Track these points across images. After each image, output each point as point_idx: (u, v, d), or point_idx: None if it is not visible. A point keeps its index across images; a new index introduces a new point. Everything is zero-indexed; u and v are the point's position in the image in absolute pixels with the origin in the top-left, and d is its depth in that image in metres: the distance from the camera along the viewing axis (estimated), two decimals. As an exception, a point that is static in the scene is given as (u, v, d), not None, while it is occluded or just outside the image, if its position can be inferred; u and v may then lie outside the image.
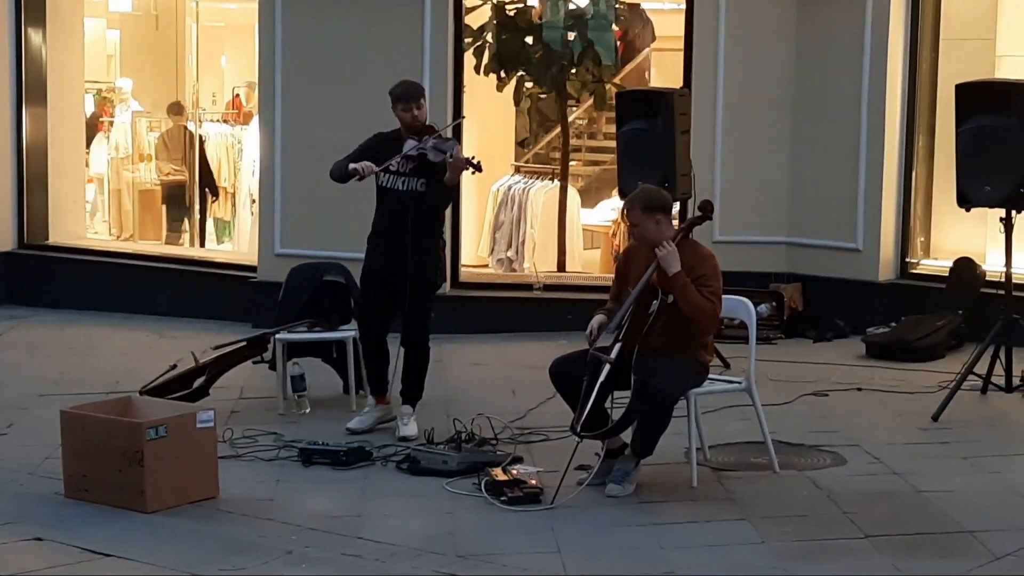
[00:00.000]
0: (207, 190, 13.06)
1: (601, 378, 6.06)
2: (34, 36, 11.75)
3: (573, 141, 12.50)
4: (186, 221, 13.23)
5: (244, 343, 7.99)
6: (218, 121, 13.92)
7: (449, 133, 7.55)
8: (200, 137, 13.08)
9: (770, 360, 8.78)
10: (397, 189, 7.17)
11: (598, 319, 6.29)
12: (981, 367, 7.82)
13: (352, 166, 7.11)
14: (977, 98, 7.88)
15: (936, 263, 9.95)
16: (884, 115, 9.82)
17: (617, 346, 6.16)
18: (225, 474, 6.27)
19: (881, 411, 7.76)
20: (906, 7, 9.85)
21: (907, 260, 10.02)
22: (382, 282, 7.24)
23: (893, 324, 9.36)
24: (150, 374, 7.86)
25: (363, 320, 7.50)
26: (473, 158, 7.20)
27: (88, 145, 13.38)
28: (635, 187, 7.36)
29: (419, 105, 7.17)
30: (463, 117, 9.46)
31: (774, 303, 9.84)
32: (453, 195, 7.29)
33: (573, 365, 6.21)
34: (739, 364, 7.73)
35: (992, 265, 9.26)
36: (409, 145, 7.12)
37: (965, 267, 9.47)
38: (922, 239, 10.12)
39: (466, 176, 10.89)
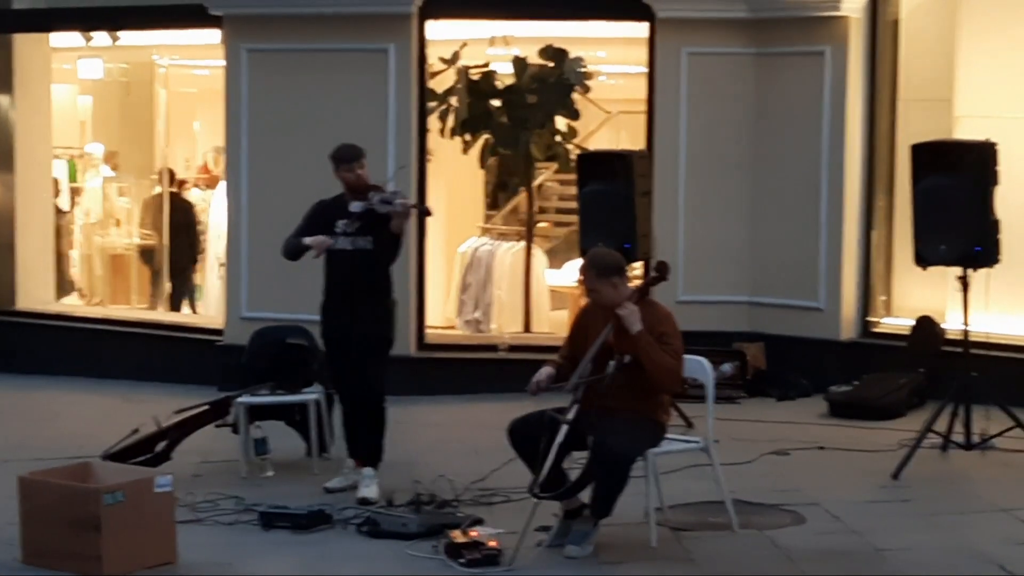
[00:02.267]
0: (193, 255, 13.10)
1: (559, 439, 6.08)
2: (2, 102, 11.81)
3: (540, 202, 12.60)
4: (159, 285, 13.24)
5: (207, 407, 8.00)
6: (190, 186, 13.96)
7: (393, 184, 7.64)
8: (187, 203, 13.18)
9: (733, 419, 8.82)
10: (345, 249, 7.23)
11: (546, 371, 6.33)
12: (941, 425, 7.88)
13: (306, 241, 7.21)
14: (932, 158, 7.98)
15: (897, 321, 10.03)
16: (844, 175, 9.94)
17: (575, 406, 6.18)
18: (184, 539, 6.25)
19: (842, 469, 7.80)
20: (864, 68, 10.00)
21: (868, 319, 10.11)
22: (343, 344, 7.28)
23: (855, 383, 9.42)
24: (114, 439, 7.83)
25: (337, 385, 7.53)
26: (421, 203, 7.28)
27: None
28: (596, 247, 7.44)
29: (360, 165, 7.27)
30: (404, 166, 9.55)
31: (737, 362, 9.90)
32: (399, 245, 7.32)
33: (531, 426, 6.23)
34: (702, 424, 7.76)
35: (953, 323, 9.33)
36: (355, 205, 7.20)
37: (926, 325, 9.55)
38: (883, 298, 10.22)
39: (433, 238, 11.07)
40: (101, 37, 12.28)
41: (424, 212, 7.34)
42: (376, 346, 7.29)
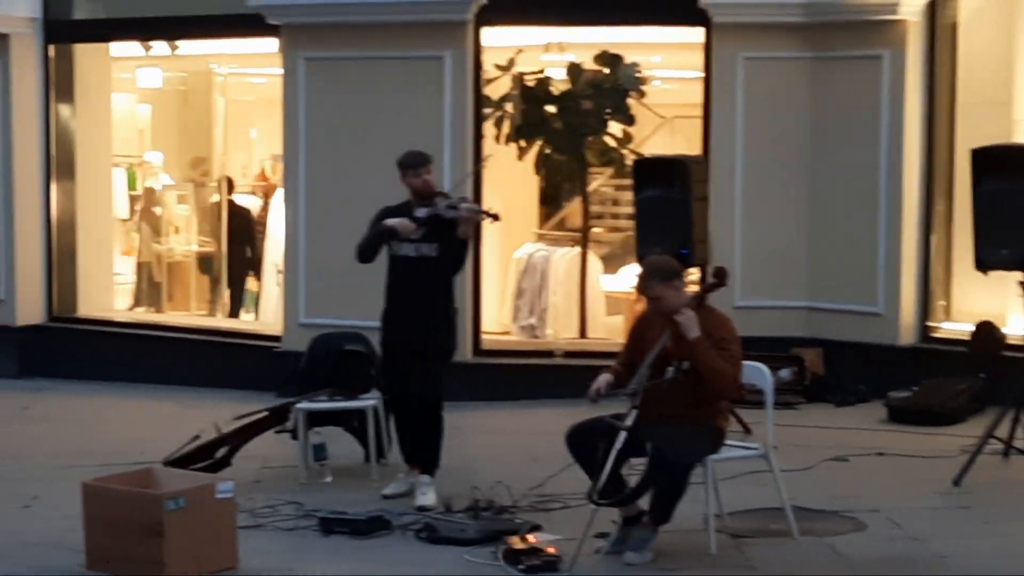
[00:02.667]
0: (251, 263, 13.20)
1: (617, 445, 6.08)
2: (63, 111, 11.96)
3: (596, 208, 12.60)
4: (218, 292, 13.35)
5: (266, 413, 8.06)
6: (247, 193, 14.09)
7: (468, 184, 7.63)
8: (246, 210, 13.29)
9: (792, 425, 8.77)
10: (409, 256, 7.25)
11: (604, 378, 6.33)
12: (1002, 431, 7.80)
13: (389, 222, 7.16)
14: (992, 162, 7.92)
15: (957, 326, 9.95)
16: (902, 179, 9.88)
17: (633, 413, 6.18)
18: (245, 544, 6.30)
19: (902, 476, 7.75)
20: (922, 72, 9.93)
21: (928, 324, 10.03)
22: (402, 351, 7.31)
23: (915, 388, 9.34)
24: (174, 445, 7.89)
25: (391, 391, 7.57)
26: (489, 209, 7.29)
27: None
28: (653, 254, 7.46)
29: (428, 171, 7.28)
30: (484, 161, 9.54)
31: (795, 368, 9.85)
32: (466, 251, 7.33)
33: (589, 432, 6.23)
34: (761, 430, 7.72)
35: (1014, 328, 9.24)
36: (421, 211, 7.21)
37: (986, 330, 9.44)
38: (943, 302, 10.13)
39: (489, 244, 11.09)
40: (160, 47, 12.41)
41: (491, 217, 7.33)
42: (436, 354, 7.30)
